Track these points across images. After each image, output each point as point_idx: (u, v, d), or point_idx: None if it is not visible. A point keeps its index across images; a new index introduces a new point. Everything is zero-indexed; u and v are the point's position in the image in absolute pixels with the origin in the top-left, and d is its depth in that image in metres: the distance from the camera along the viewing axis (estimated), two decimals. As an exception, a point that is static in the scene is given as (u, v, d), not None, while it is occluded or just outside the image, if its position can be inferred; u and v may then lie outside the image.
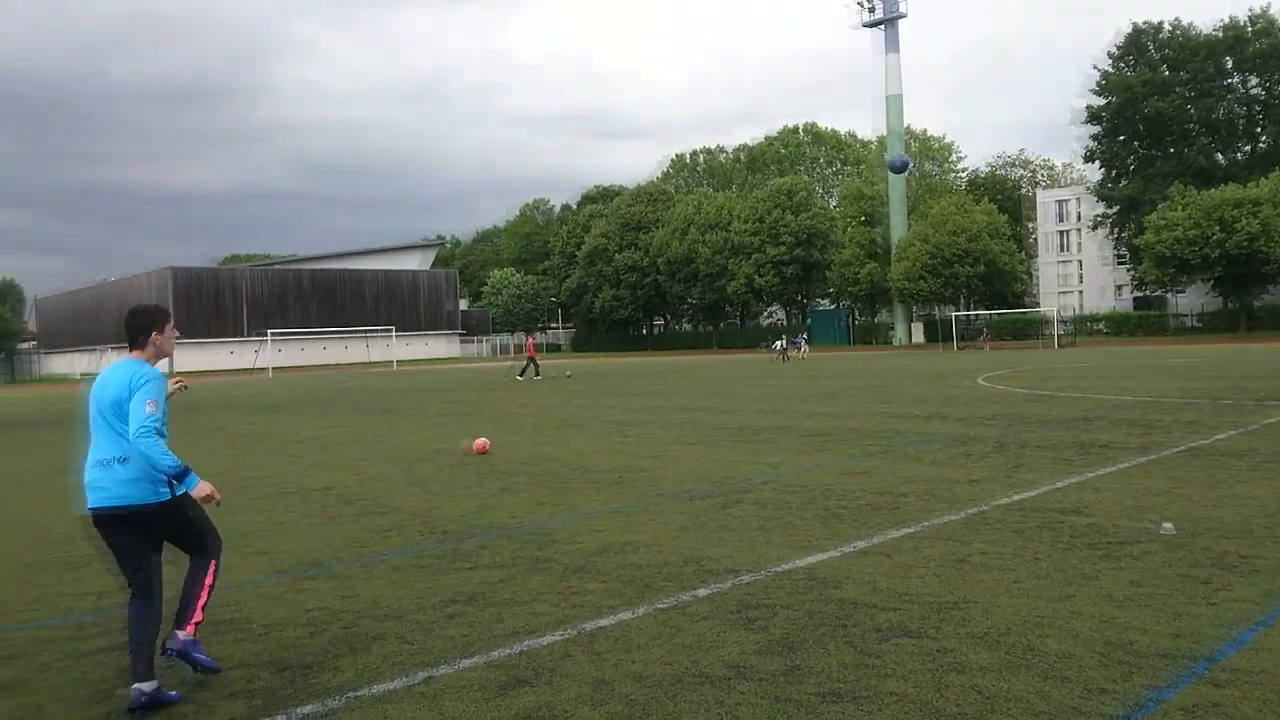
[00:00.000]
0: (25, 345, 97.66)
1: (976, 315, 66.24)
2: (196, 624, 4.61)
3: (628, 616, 5.23)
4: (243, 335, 77.78)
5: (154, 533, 4.60)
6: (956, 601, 5.21)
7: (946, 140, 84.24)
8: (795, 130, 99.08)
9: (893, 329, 70.15)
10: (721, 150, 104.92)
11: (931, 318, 72.13)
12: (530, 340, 39.62)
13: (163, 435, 4.45)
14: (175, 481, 4.47)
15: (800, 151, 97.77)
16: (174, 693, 4.39)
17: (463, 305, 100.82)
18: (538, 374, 36.08)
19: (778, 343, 49.91)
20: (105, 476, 4.43)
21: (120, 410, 4.43)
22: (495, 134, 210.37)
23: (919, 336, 68.10)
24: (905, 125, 73.16)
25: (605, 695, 4.11)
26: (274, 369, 67.44)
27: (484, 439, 13.29)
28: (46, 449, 17.17)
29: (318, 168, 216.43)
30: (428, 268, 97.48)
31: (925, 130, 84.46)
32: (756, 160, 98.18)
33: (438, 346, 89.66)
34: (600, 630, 5.02)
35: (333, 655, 4.84)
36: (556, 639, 4.91)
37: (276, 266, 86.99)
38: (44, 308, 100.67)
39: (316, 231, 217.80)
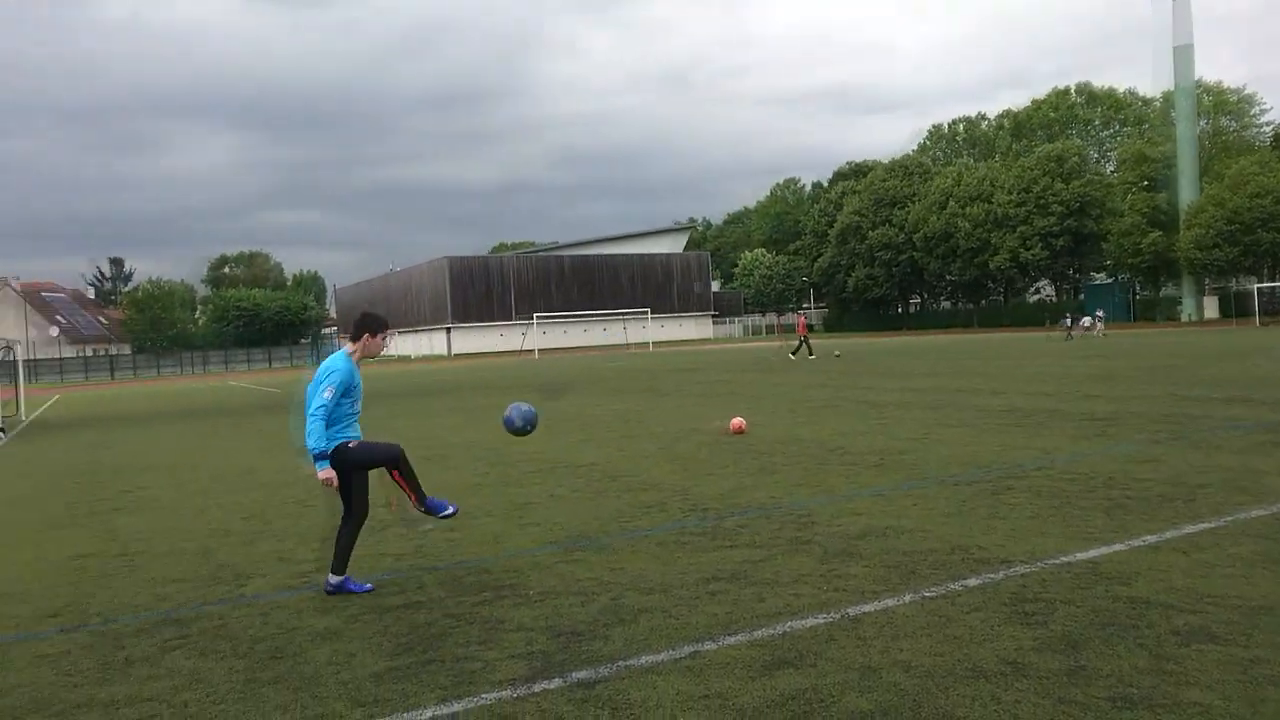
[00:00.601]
0: (328, 330, 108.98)
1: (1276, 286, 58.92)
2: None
3: (893, 603, 5.10)
4: (510, 319, 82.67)
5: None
6: (1271, 606, 4.67)
7: (1246, 91, 74.97)
8: (1066, 92, 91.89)
9: (1179, 303, 63.71)
10: (983, 118, 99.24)
11: (1227, 291, 64.83)
12: (802, 319, 39.53)
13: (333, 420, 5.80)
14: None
15: (1072, 114, 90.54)
16: (367, 584, 6.05)
17: (715, 287, 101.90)
18: (811, 353, 36.20)
19: (1073, 320, 46.98)
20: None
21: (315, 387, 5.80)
22: (744, 115, 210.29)
23: (1211, 312, 61.47)
24: (1196, 78, 65.99)
25: (872, 683, 4.03)
26: (539, 350, 71.24)
27: (740, 419, 13.38)
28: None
29: (575, 158, 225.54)
30: (680, 251, 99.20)
31: (1220, 82, 75.60)
32: (1022, 126, 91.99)
33: (690, 328, 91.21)
34: (864, 616, 4.92)
35: (602, 624, 5.05)
36: (820, 622, 4.86)
37: (540, 253, 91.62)
38: (342, 296, 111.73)
39: (575, 219, 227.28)
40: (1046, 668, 4.07)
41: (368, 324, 5.99)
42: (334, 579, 5.98)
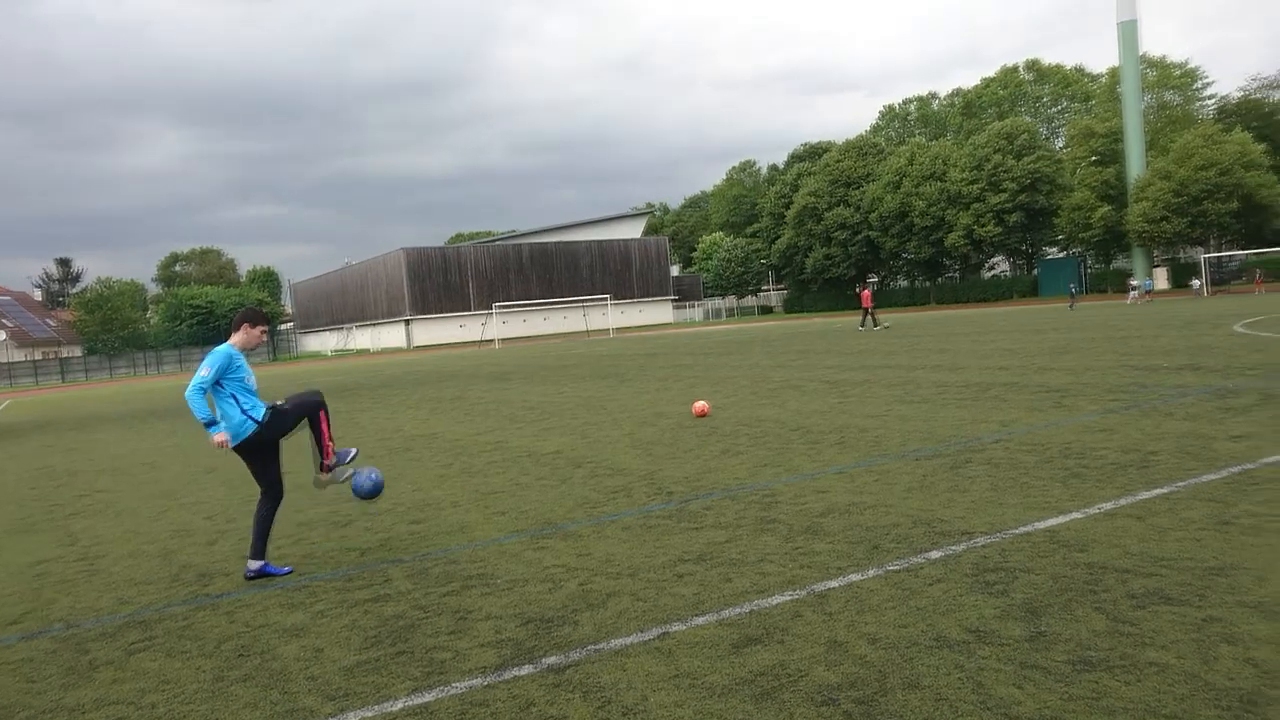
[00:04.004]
0: (285, 326, 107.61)
1: (1231, 256, 60.22)
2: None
3: (858, 578, 5.17)
4: (470, 309, 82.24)
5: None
6: (1223, 567, 4.80)
7: (1189, 66, 76.31)
8: (1015, 69, 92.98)
9: (1132, 276, 64.92)
10: (934, 97, 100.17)
11: (1177, 261, 66.16)
12: (866, 292, 40.00)
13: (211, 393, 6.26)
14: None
15: (1021, 91, 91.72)
16: (287, 568, 6.48)
17: (675, 271, 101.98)
18: (876, 324, 37.20)
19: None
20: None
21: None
22: (703, 99, 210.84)
23: (1163, 283, 62.69)
24: (1141, 53, 67.02)
25: (840, 656, 4.09)
26: (500, 340, 70.93)
27: (704, 402, 13.44)
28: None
29: (534, 145, 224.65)
30: (639, 236, 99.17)
31: (1164, 57, 76.83)
32: (973, 105, 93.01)
33: (652, 313, 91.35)
34: (830, 591, 4.99)
35: (571, 610, 5.07)
36: (786, 599, 4.92)
37: (499, 243, 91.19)
38: (299, 291, 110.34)
39: (535, 207, 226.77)
40: (1008, 635, 4.16)
41: (246, 317, 6.54)
42: (254, 564, 6.34)
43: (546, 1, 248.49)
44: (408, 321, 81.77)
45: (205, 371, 6.20)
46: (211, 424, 6.24)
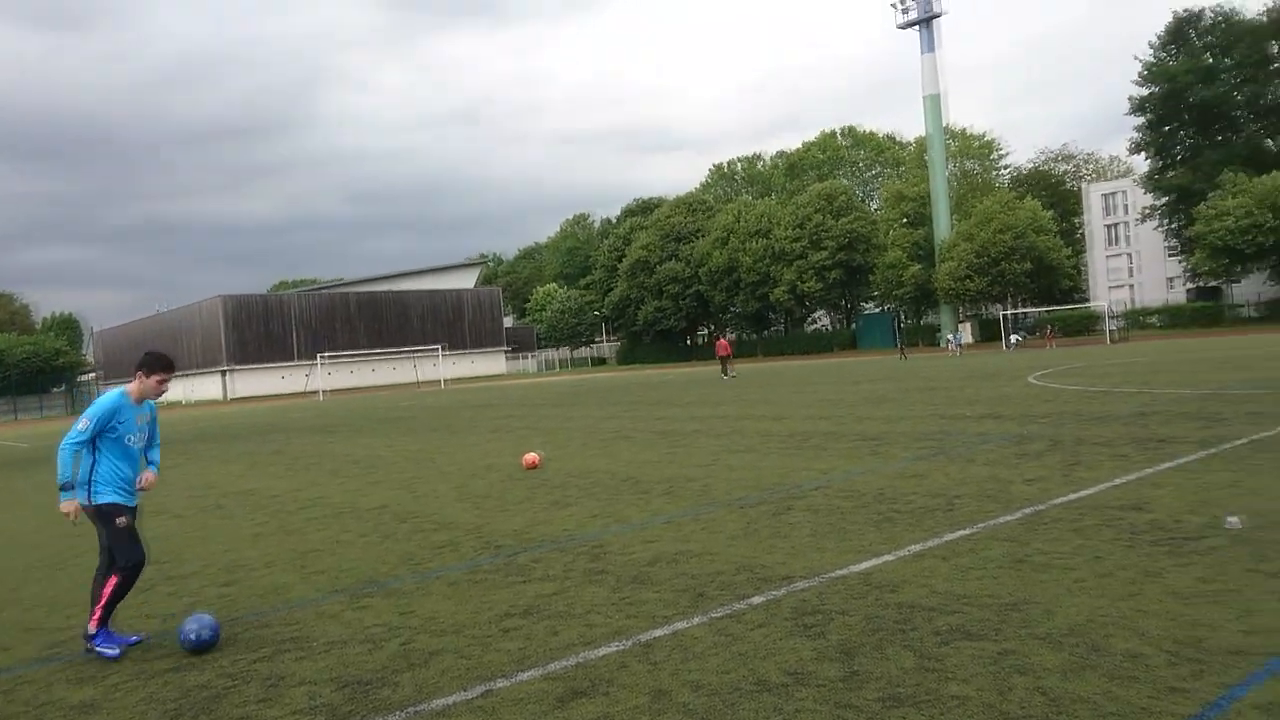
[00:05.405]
0: (87, 376, 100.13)
1: (1026, 313, 65.24)
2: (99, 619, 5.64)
3: (683, 626, 5.22)
4: (293, 359, 79.03)
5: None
6: (1017, 603, 5.13)
7: (988, 138, 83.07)
8: (834, 135, 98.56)
9: (939, 330, 69.32)
10: (760, 158, 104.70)
11: (981, 317, 71.18)
12: (722, 341, 40.53)
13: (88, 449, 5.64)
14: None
15: (840, 155, 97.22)
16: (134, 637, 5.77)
17: (508, 322, 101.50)
18: (726, 374, 37.85)
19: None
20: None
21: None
22: (540, 152, 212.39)
23: (967, 337, 67.23)
24: (946, 124, 72.39)
25: (664, 705, 4.11)
26: (326, 392, 68.44)
27: (535, 454, 13.36)
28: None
29: (368, 194, 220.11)
30: (472, 286, 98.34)
31: (966, 129, 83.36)
32: (796, 166, 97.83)
33: (485, 364, 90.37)
34: (656, 640, 5.01)
35: (392, 671, 4.89)
36: (613, 650, 4.91)
37: (325, 290, 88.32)
38: (104, 339, 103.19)
39: (368, 256, 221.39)
40: (825, 676, 4.29)
41: (143, 362, 5.93)
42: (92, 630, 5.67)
43: (381, 50, 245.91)
44: (225, 372, 77.77)
45: (82, 424, 5.57)
46: (69, 488, 5.54)
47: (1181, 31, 65.21)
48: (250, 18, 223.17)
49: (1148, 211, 69.78)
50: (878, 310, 78.24)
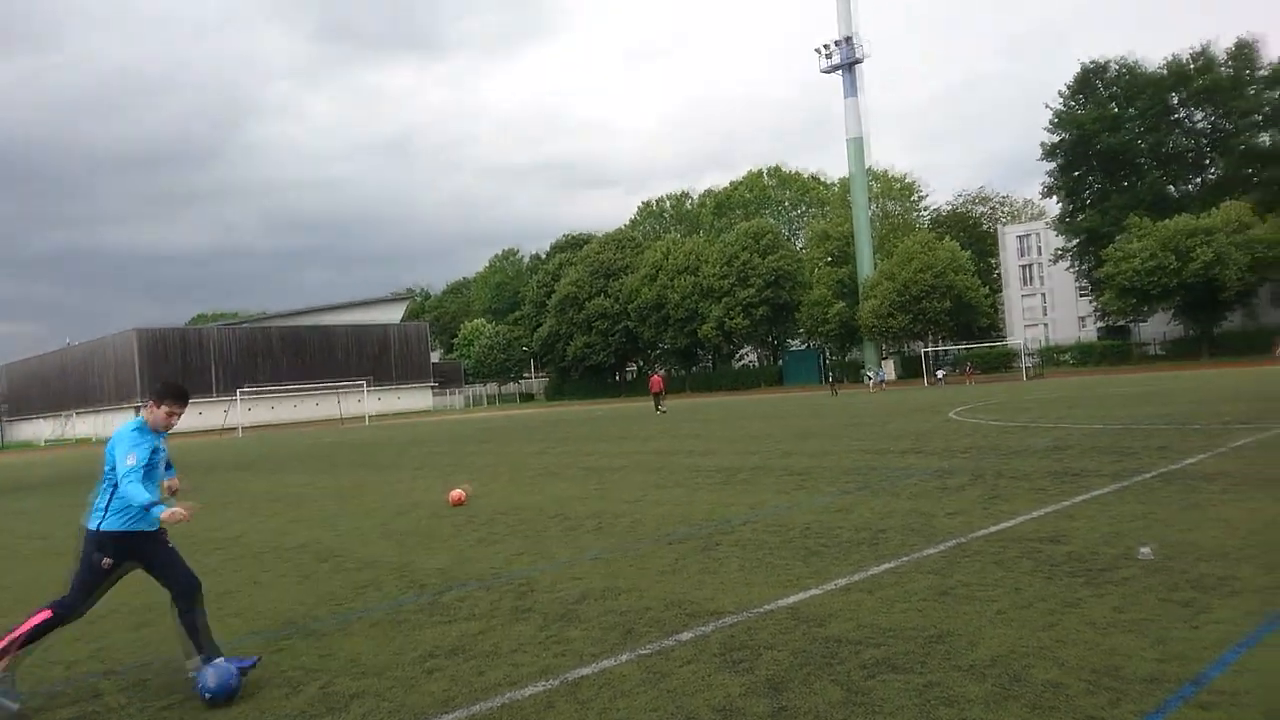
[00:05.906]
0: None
1: (946, 350, 66.89)
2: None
3: (611, 664, 5.16)
4: (212, 395, 76.88)
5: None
6: (941, 634, 5.19)
7: (909, 179, 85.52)
8: (760, 174, 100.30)
9: (863, 367, 70.63)
10: (687, 196, 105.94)
11: (903, 354, 72.75)
12: (655, 377, 40.55)
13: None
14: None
15: (766, 195, 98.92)
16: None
17: (436, 357, 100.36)
18: (659, 409, 37.96)
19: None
20: None
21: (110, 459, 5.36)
22: (469, 186, 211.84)
23: (889, 374, 68.59)
24: (869, 165, 74.30)
25: (592, 744, 4.04)
26: (245, 428, 66.66)
27: (460, 490, 13.16)
28: (14, 516, 16.80)
29: (292, 224, 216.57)
30: (399, 320, 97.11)
31: (888, 170, 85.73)
32: (724, 204, 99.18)
33: (411, 399, 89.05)
34: (584, 679, 4.94)
35: (311, 715, 4.73)
36: (540, 689, 4.83)
37: (246, 324, 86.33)
38: (8, 374, 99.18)
39: (292, 288, 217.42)
40: (754, 711, 4.27)
41: (154, 390, 5.68)
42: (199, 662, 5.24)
43: (307, 79, 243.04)
44: (139, 408, 75.24)
45: (131, 460, 5.21)
46: (155, 505, 5.25)
47: (1089, 81, 68.10)
48: (177, 44, 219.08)
49: (1059, 253, 72.30)
50: (803, 347, 79.41)
